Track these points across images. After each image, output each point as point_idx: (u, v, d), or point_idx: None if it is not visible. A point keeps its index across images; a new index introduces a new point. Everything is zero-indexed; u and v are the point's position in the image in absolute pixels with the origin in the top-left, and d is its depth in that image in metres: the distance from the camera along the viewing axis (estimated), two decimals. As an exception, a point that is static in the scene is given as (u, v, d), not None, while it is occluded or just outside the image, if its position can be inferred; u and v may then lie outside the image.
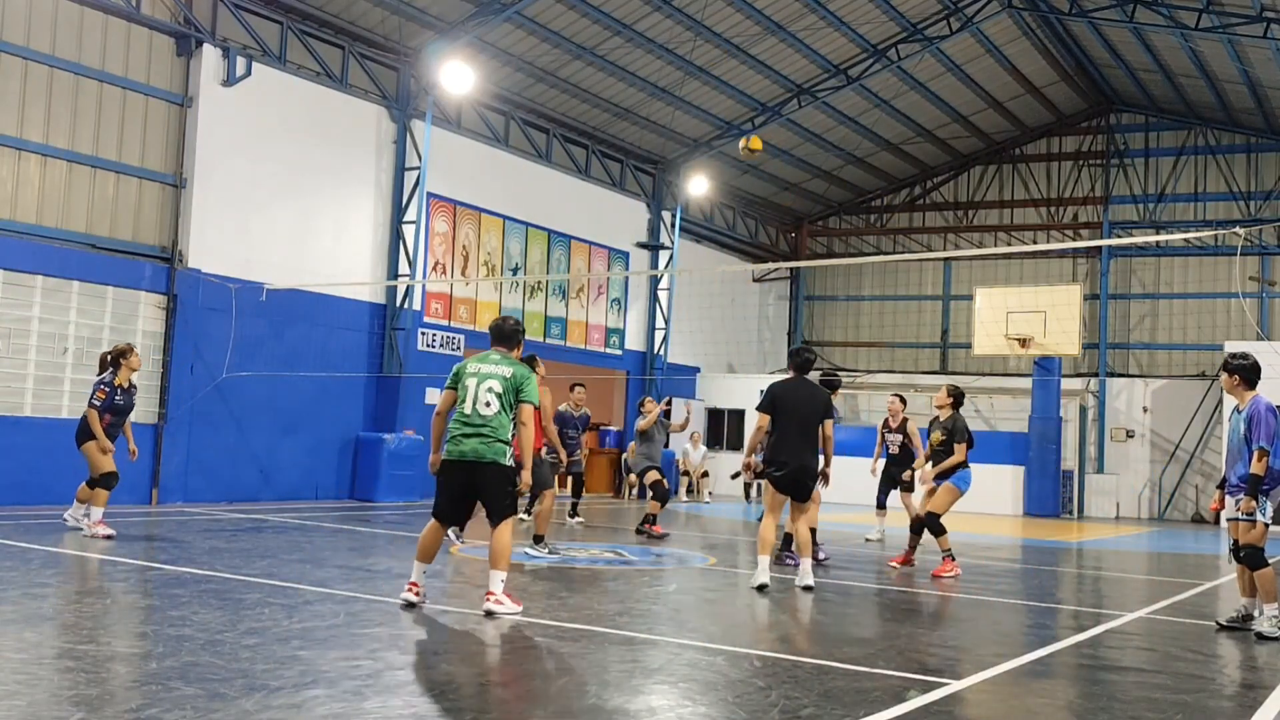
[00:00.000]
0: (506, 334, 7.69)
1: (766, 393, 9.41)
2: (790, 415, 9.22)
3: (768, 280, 30.40)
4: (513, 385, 7.36)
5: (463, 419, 7.29)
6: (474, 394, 7.30)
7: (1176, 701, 5.67)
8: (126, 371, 11.12)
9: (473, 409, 7.27)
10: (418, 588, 7.36)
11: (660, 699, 5.23)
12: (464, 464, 7.24)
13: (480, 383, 7.34)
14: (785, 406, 9.24)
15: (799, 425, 9.21)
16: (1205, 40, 21.11)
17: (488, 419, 7.24)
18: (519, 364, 7.53)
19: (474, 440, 7.22)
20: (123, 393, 11.06)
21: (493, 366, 7.43)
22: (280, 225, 16.99)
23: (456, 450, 7.26)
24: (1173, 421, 26.13)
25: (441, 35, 18.44)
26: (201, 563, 9.16)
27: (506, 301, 21.48)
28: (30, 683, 4.95)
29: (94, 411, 10.86)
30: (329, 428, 17.72)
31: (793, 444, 9.17)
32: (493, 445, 7.22)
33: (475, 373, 7.41)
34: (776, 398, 9.30)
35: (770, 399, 9.32)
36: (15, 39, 13.96)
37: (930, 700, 5.35)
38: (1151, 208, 27.46)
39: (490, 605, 7.15)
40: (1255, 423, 7.70)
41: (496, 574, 7.22)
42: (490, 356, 7.54)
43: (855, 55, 22.79)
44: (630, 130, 23.52)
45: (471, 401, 7.29)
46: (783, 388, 9.41)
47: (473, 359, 7.57)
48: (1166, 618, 8.81)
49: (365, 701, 4.84)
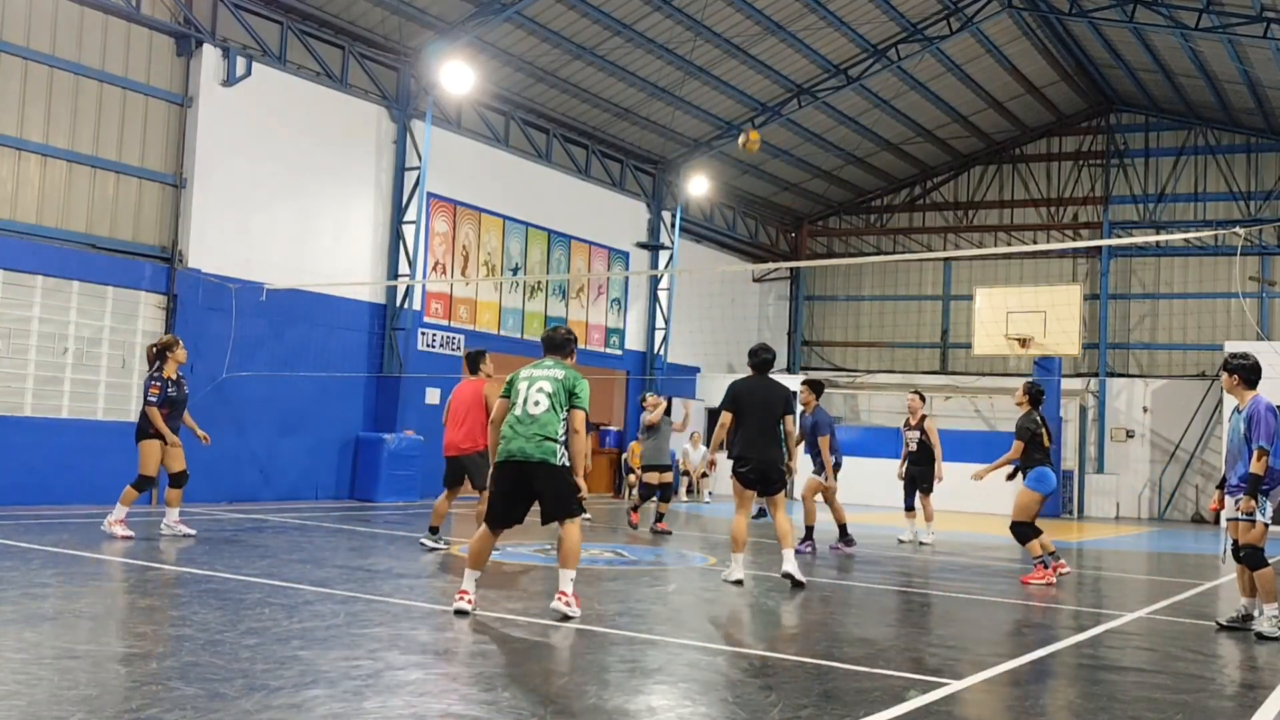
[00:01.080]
0: (558, 343, 7.73)
1: (728, 391, 9.71)
2: (752, 413, 9.52)
3: (768, 280, 30.40)
4: (564, 387, 7.34)
5: (513, 420, 7.29)
6: (525, 396, 7.33)
7: (1176, 701, 5.67)
8: (173, 364, 11.18)
9: (523, 410, 7.28)
10: (469, 595, 7.25)
11: (660, 699, 5.23)
12: (513, 464, 7.23)
13: (531, 385, 7.36)
14: (746, 404, 9.56)
15: (760, 422, 9.50)
16: (1205, 40, 21.11)
17: (536, 417, 7.22)
18: (571, 369, 7.53)
19: (521, 440, 7.20)
20: (174, 385, 11.14)
21: (545, 370, 7.47)
22: (280, 225, 16.99)
23: (505, 450, 7.25)
24: (1173, 421, 26.13)
25: (441, 35, 18.44)
26: (201, 563, 9.16)
27: (506, 301, 21.48)
28: (30, 683, 4.95)
29: (153, 409, 10.92)
30: (329, 428, 17.72)
31: (755, 440, 9.47)
32: (541, 444, 7.16)
33: (528, 377, 7.44)
34: (738, 396, 9.60)
35: (731, 397, 9.62)
36: (15, 39, 13.96)
37: (930, 700, 5.35)
38: (1151, 208, 27.46)
39: (559, 605, 7.12)
40: (1255, 422, 7.71)
41: (566, 573, 7.19)
42: (544, 363, 7.57)
43: (855, 55, 22.79)
44: (630, 130, 23.52)
45: (522, 403, 7.30)
46: (744, 385, 9.70)
47: (526, 366, 7.60)
48: (1166, 618, 8.82)
49: (365, 701, 4.84)
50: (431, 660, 5.81)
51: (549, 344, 7.73)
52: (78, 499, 13.85)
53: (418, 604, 7.66)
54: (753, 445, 9.45)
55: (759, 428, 9.49)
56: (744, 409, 9.54)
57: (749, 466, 9.43)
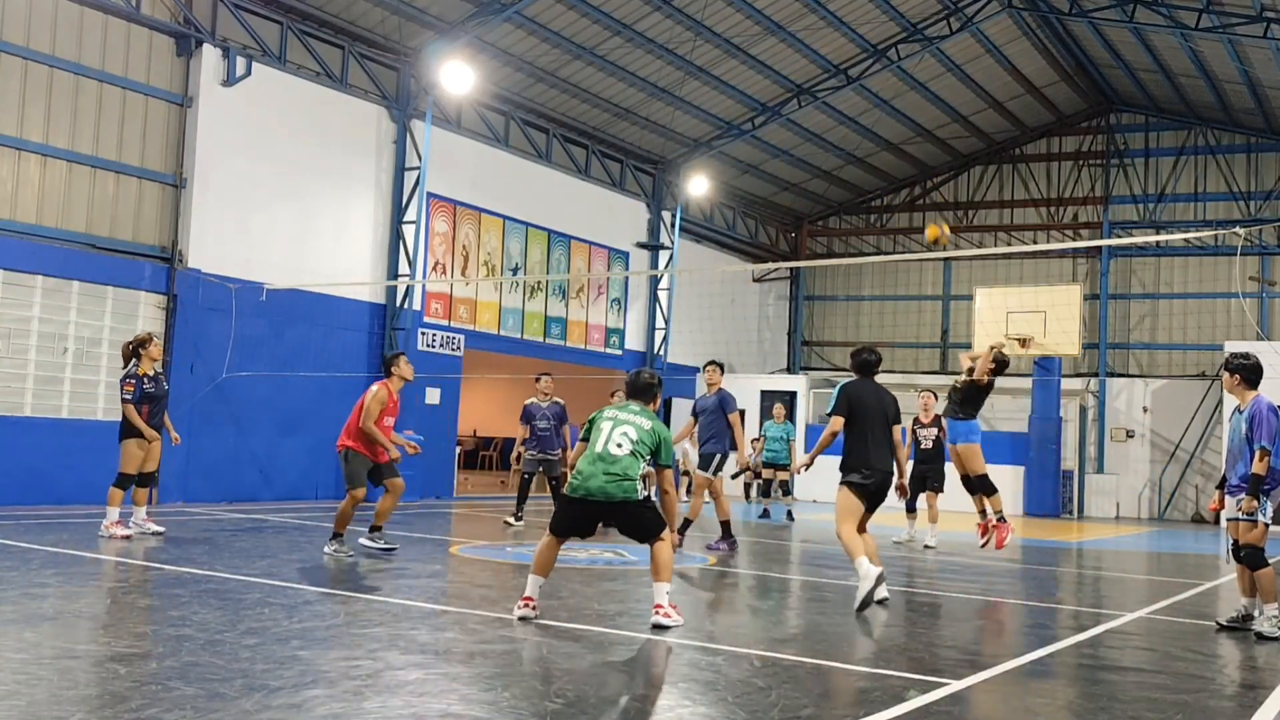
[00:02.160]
0: (641, 388, 7.66)
1: (840, 394, 8.67)
2: (869, 418, 8.57)
3: (768, 280, 30.40)
4: (651, 439, 7.28)
5: (593, 457, 7.20)
6: (608, 435, 7.24)
7: (1176, 701, 5.67)
8: (148, 361, 11.17)
9: (604, 449, 7.19)
10: (533, 601, 7.16)
11: (660, 699, 5.23)
12: (590, 502, 7.13)
13: (616, 426, 7.28)
14: (860, 409, 8.58)
15: (879, 429, 8.60)
16: (1205, 40, 21.11)
17: (618, 459, 7.14)
18: (658, 420, 7.48)
19: (602, 479, 7.10)
20: (151, 380, 11.13)
21: (631, 415, 7.38)
22: (280, 225, 16.99)
23: (583, 487, 7.13)
24: (1173, 421, 26.13)
25: (441, 35, 18.43)
26: (201, 563, 9.16)
27: (506, 301, 21.48)
28: (30, 683, 4.95)
29: (129, 406, 10.94)
30: (329, 428, 17.60)
31: (874, 448, 8.55)
32: (622, 484, 7.10)
33: (612, 418, 7.36)
34: (852, 399, 8.62)
35: (845, 400, 8.61)
36: (15, 39, 13.96)
37: (930, 700, 5.35)
38: (1151, 208, 27.45)
39: (658, 618, 7.06)
40: (1257, 422, 7.71)
41: (661, 587, 7.12)
42: (630, 407, 7.49)
43: (855, 55, 22.78)
44: (630, 130, 23.52)
45: (604, 441, 7.22)
46: (857, 389, 8.71)
47: (609, 407, 7.57)
48: (1166, 618, 8.81)
49: (365, 701, 4.84)
50: (431, 660, 5.81)
51: (632, 389, 7.68)
52: (78, 499, 13.85)
53: (418, 604, 7.66)
54: (873, 454, 8.52)
55: (877, 435, 8.57)
56: (858, 414, 8.55)
57: (872, 478, 8.54)
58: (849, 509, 8.53)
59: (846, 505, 8.54)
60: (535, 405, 14.62)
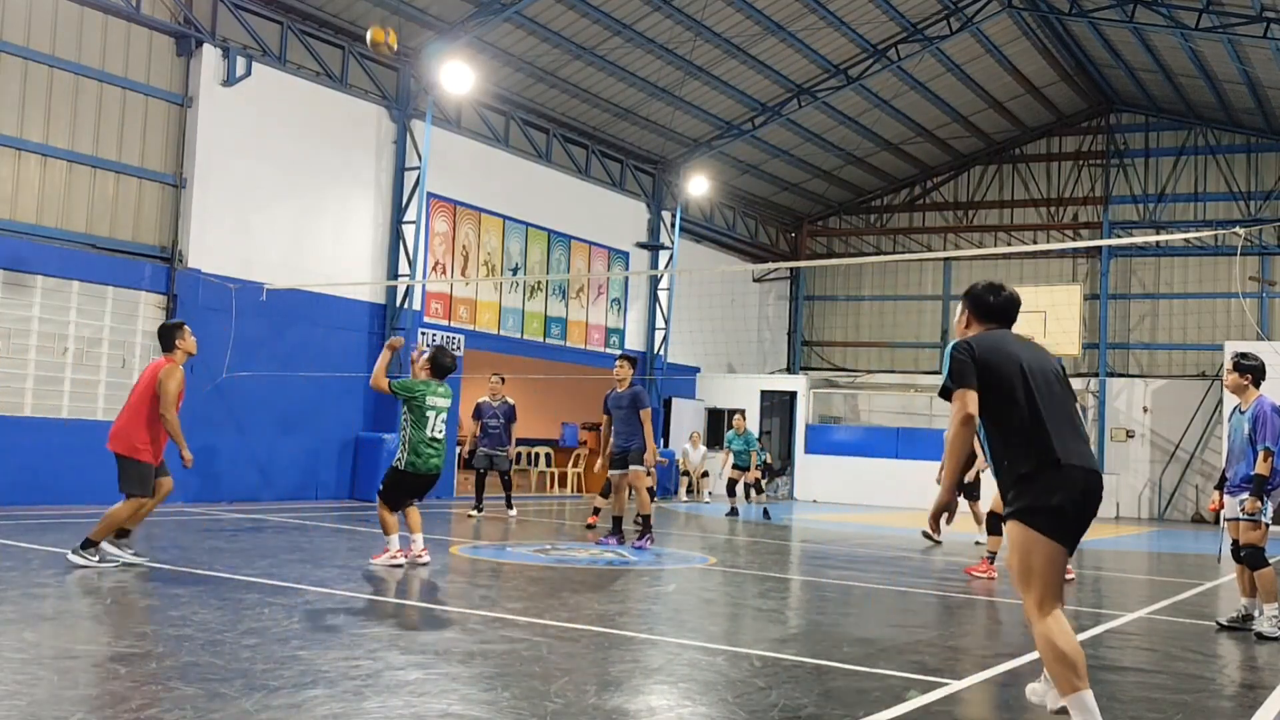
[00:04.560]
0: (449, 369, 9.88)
1: (961, 353, 4.71)
2: (1046, 390, 4.67)
3: (768, 280, 30.40)
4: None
5: (427, 440, 9.69)
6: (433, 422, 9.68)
7: (1176, 701, 5.67)
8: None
9: (433, 433, 9.67)
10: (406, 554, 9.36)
11: (660, 699, 5.23)
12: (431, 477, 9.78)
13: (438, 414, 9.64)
14: (1012, 374, 4.65)
15: (1060, 404, 4.68)
16: (1205, 40, 21.11)
17: (444, 441, 9.57)
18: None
19: (439, 460, 9.70)
20: None
21: (442, 400, 9.61)
22: (280, 225, 16.99)
23: (426, 466, 9.57)
24: (1173, 421, 26.13)
25: (441, 35, 18.43)
26: (201, 563, 9.16)
27: (506, 301, 21.48)
28: (30, 683, 4.95)
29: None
30: (329, 428, 17.72)
31: (1071, 436, 4.61)
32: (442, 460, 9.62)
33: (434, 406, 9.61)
34: (989, 360, 4.67)
35: (977, 360, 4.67)
36: (15, 39, 13.96)
37: (930, 700, 5.35)
38: (1151, 208, 27.45)
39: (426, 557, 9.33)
40: (1261, 423, 7.72)
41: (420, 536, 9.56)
42: (440, 390, 9.69)
43: (855, 55, 22.78)
44: (630, 130, 23.52)
45: (431, 428, 9.65)
46: (993, 343, 4.77)
47: (431, 394, 9.54)
48: (1166, 618, 8.81)
49: (365, 701, 4.84)
50: (431, 660, 5.81)
51: (443, 370, 9.84)
52: (78, 499, 13.84)
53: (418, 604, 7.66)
54: (1070, 446, 4.57)
55: (1062, 414, 4.65)
56: (1015, 382, 4.61)
57: (1070, 491, 4.51)
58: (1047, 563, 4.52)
59: (1036, 563, 4.52)
60: (486, 404, 15.47)
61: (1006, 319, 4.96)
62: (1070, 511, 4.49)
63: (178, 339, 8.95)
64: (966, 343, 4.75)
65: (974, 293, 5.01)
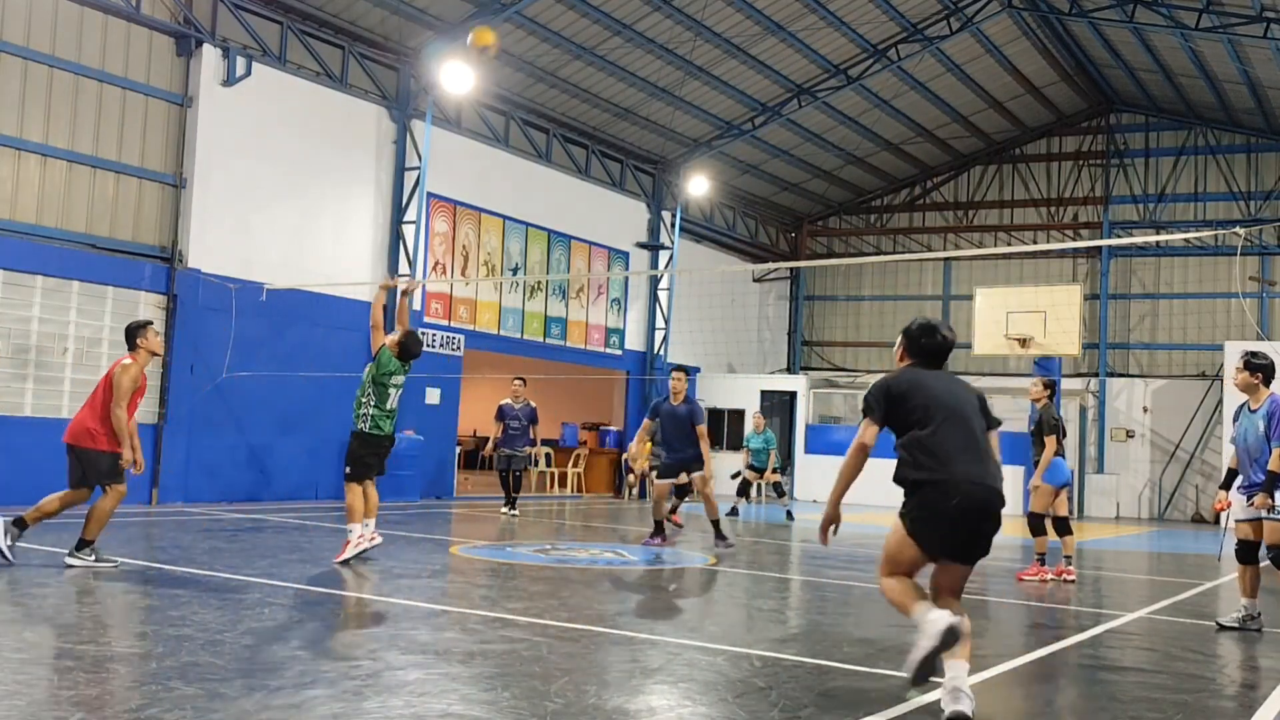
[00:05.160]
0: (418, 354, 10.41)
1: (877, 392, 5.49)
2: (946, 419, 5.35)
3: (768, 280, 30.40)
4: None
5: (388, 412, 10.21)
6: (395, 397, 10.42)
7: (1176, 701, 5.67)
8: None
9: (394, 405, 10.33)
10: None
11: (660, 699, 5.23)
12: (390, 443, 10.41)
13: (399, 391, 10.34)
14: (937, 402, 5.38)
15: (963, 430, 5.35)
16: (1205, 40, 21.11)
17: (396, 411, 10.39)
18: None
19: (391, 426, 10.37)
20: None
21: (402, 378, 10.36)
22: (280, 225, 16.99)
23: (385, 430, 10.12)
24: (1173, 421, 26.14)
25: (441, 35, 18.43)
26: (201, 563, 9.16)
27: (506, 301, 21.48)
28: (30, 683, 4.95)
29: None
30: (329, 428, 17.70)
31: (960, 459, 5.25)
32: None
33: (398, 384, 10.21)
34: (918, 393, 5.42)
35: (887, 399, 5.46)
36: (15, 39, 13.95)
37: (930, 700, 5.35)
38: (1151, 208, 27.46)
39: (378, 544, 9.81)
40: (1275, 420, 7.75)
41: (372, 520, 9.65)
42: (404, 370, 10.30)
43: (855, 55, 22.78)
44: (630, 130, 23.52)
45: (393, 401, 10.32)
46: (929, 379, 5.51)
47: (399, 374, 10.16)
48: (1166, 618, 8.81)
49: (365, 701, 4.84)
50: (431, 660, 5.81)
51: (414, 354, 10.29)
52: (78, 499, 13.83)
53: (418, 604, 7.66)
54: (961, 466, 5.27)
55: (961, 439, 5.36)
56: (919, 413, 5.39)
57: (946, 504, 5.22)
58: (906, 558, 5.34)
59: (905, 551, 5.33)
60: (509, 406, 16.07)
61: (935, 360, 5.63)
62: (945, 523, 5.18)
63: (140, 338, 8.88)
64: (884, 383, 5.52)
65: (910, 332, 5.65)
